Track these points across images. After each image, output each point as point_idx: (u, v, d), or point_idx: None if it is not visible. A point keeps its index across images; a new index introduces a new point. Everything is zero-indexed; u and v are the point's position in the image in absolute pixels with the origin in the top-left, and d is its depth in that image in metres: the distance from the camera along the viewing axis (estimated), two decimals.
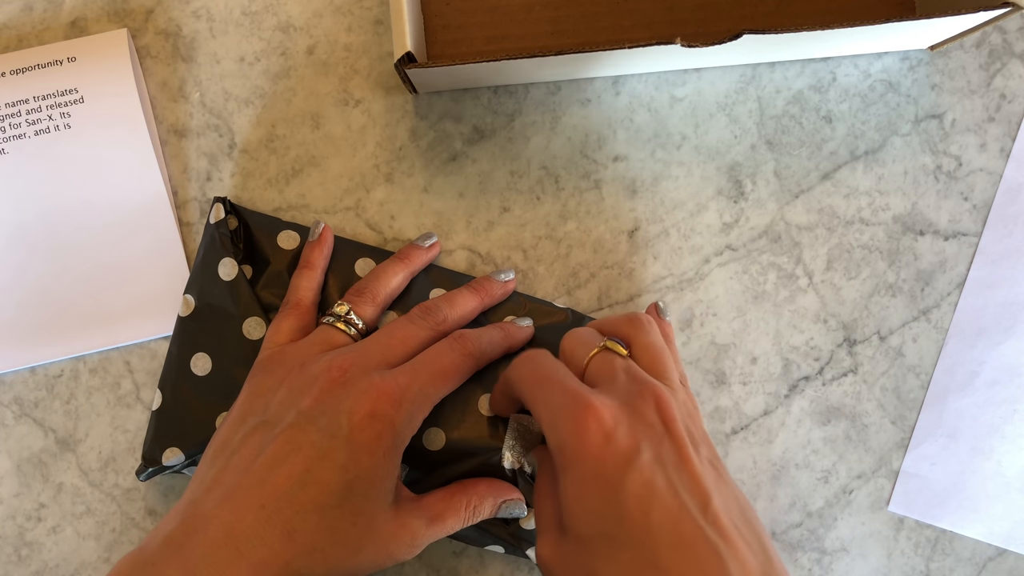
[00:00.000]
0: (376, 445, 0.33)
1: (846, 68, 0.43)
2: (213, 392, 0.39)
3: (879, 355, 0.43)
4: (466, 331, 0.38)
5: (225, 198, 0.41)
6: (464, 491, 0.37)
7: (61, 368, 0.42)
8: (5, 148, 0.41)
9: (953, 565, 0.43)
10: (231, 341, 0.39)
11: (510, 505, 0.37)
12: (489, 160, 0.43)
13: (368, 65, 0.43)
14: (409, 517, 0.34)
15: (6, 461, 0.42)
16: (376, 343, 0.36)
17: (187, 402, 0.39)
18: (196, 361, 0.40)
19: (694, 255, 0.43)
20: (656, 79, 0.43)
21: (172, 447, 0.39)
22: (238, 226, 0.41)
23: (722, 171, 0.43)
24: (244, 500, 0.31)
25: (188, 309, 0.40)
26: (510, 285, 0.41)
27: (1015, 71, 0.43)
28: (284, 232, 0.41)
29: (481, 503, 0.37)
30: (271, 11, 0.43)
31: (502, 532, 0.39)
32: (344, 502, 0.32)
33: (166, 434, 0.39)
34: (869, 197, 0.43)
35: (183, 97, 0.43)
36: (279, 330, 0.38)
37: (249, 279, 0.41)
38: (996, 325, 0.43)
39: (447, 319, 0.38)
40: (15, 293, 0.41)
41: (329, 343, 0.37)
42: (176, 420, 0.39)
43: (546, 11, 0.42)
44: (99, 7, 0.43)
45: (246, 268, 0.41)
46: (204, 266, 0.40)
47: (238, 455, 0.33)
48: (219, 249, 0.40)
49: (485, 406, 0.39)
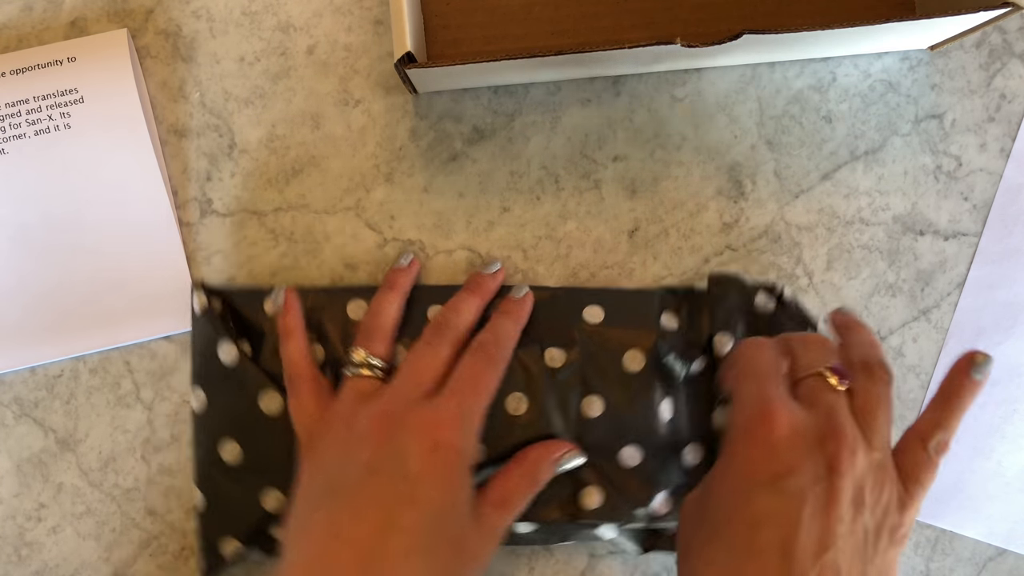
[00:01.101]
0: (447, 473, 0.33)
1: (846, 68, 0.43)
2: (250, 474, 0.39)
3: None
4: (483, 337, 0.38)
5: (202, 281, 0.41)
6: (518, 464, 0.37)
7: (61, 368, 0.42)
8: (5, 148, 0.41)
9: (953, 565, 0.43)
10: (252, 421, 0.39)
11: (566, 458, 0.38)
12: (489, 160, 0.43)
13: (368, 65, 0.43)
14: (485, 517, 0.35)
15: (6, 461, 0.42)
16: (407, 379, 0.36)
17: (228, 493, 0.39)
18: (224, 450, 0.39)
19: (694, 255, 0.43)
20: (656, 79, 0.43)
21: (226, 537, 0.39)
22: (223, 307, 0.41)
23: (722, 171, 0.43)
24: (339, 567, 0.31)
25: (201, 403, 0.40)
26: (500, 275, 0.41)
27: (1015, 71, 0.43)
28: (269, 299, 0.41)
29: (537, 468, 0.37)
30: (271, 11, 0.43)
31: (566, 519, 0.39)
32: (436, 538, 0.32)
33: (218, 529, 0.39)
34: (869, 197, 0.43)
35: (183, 97, 0.43)
36: (302, 406, 0.38)
37: (251, 356, 0.40)
38: (996, 325, 0.43)
39: (459, 328, 0.38)
40: (15, 293, 0.41)
41: (361, 393, 0.37)
42: (222, 513, 0.39)
43: (546, 11, 0.42)
44: (99, 7, 0.43)
45: (244, 345, 0.40)
46: (203, 355, 0.40)
47: (314, 531, 0.33)
48: (213, 335, 0.39)
49: (513, 406, 0.39)
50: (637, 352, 0.40)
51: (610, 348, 0.40)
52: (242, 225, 0.43)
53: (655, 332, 0.40)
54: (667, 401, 0.40)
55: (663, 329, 0.40)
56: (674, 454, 0.40)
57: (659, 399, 0.39)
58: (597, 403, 0.39)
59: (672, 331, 0.40)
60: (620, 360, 0.40)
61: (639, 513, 0.38)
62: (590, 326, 0.40)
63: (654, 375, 0.40)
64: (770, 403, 0.32)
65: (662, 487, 0.39)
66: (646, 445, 0.39)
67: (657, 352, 0.40)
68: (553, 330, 0.40)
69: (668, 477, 0.39)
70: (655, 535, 0.40)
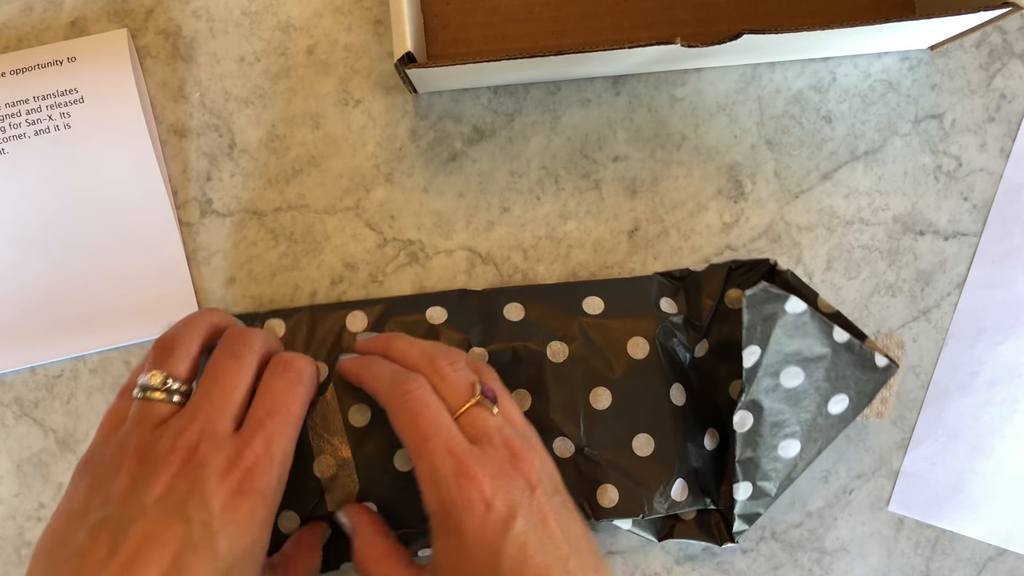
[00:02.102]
0: (251, 522, 0.31)
1: (846, 68, 0.43)
2: None
3: None
4: (286, 356, 0.35)
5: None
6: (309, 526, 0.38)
7: (61, 368, 0.42)
8: (5, 148, 0.41)
9: (953, 565, 0.43)
10: None
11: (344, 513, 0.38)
12: (489, 160, 0.43)
13: (368, 65, 0.43)
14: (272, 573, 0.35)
15: (6, 461, 0.42)
16: (210, 400, 0.33)
17: None
18: None
19: (694, 255, 0.43)
20: (656, 79, 0.43)
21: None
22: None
23: (722, 171, 0.43)
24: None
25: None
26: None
27: (1015, 71, 0.43)
28: (269, 322, 0.40)
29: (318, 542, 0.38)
30: (271, 11, 0.43)
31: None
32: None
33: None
34: (869, 197, 0.43)
35: (183, 97, 0.43)
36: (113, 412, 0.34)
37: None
38: (996, 325, 0.43)
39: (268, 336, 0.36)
40: (15, 293, 0.41)
41: (156, 419, 0.32)
42: None
43: (546, 11, 0.42)
44: (99, 7, 0.43)
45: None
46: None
47: (87, 558, 0.29)
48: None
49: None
50: (640, 339, 0.40)
51: (613, 337, 0.40)
52: (242, 225, 0.43)
53: (656, 318, 0.40)
54: (677, 386, 0.40)
55: (663, 314, 0.40)
56: (690, 439, 0.39)
57: (668, 384, 0.39)
58: (605, 394, 0.39)
59: (673, 315, 0.40)
60: (624, 348, 0.40)
61: (658, 502, 0.38)
62: (591, 317, 0.40)
63: (660, 361, 0.40)
64: (462, 466, 0.32)
65: (680, 474, 0.39)
66: (659, 432, 0.39)
67: (660, 337, 0.40)
68: (554, 324, 0.40)
69: (685, 463, 0.39)
70: (671, 522, 0.41)
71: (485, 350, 0.39)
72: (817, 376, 0.38)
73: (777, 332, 0.37)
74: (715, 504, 0.40)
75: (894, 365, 0.39)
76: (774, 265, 0.40)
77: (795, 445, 0.39)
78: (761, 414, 0.38)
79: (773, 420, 0.38)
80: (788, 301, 0.37)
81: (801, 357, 0.38)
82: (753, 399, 0.38)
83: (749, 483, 0.38)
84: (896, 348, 0.43)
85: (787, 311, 0.37)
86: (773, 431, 0.38)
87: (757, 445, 0.38)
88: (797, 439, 0.39)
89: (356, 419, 0.38)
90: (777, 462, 0.39)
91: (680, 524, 0.40)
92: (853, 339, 0.38)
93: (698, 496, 0.39)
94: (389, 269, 0.43)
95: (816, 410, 0.39)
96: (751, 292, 0.36)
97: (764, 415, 0.38)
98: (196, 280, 0.42)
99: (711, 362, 0.40)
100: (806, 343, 0.38)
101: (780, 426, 0.38)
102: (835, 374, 0.38)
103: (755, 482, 0.38)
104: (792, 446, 0.39)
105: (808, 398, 0.38)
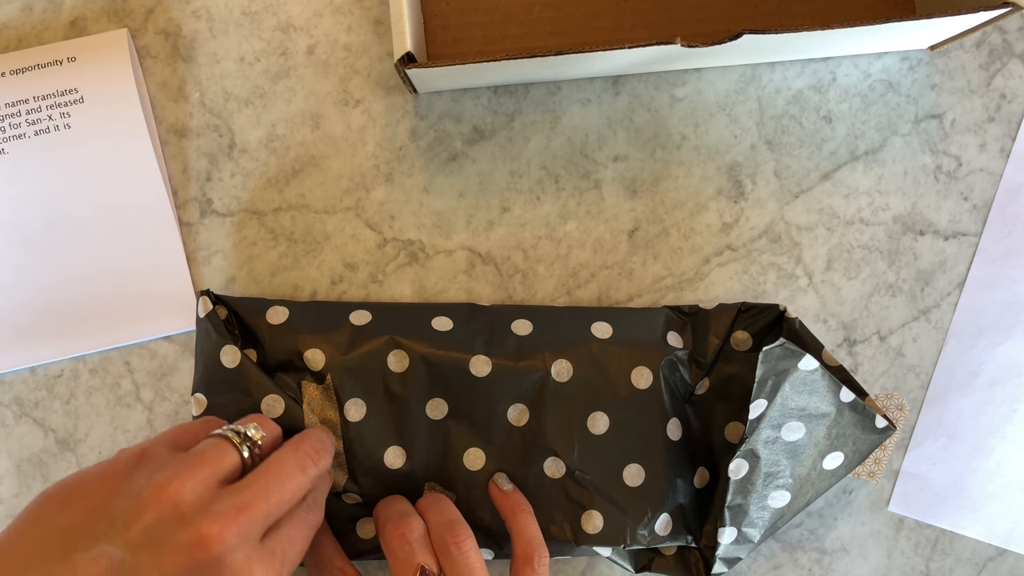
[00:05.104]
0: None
1: (846, 68, 0.43)
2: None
3: (879, 355, 0.43)
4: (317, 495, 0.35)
5: (208, 290, 0.40)
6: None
7: (61, 368, 0.42)
8: (5, 148, 0.41)
9: (953, 565, 0.43)
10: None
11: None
12: (489, 160, 0.43)
13: (368, 65, 0.43)
14: None
15: (6, 461, 0.42)
16: (266, 496, 0.31)
17: None
18: None
19: (694, 255, 0.43)
20: (656, 79, 0.43)
21: None
22: (228, 315, 0.40)
23: (722, 171, 0.43)
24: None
25: (201, 407, 0.39)
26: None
27: (1015, 71, 0.43)
28: (272, 308, 0.40)
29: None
30: (271, 11, 0.43)
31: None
32: None
33: None
34: (869, 197, 0.43)
35: (183, 97, 0.43)
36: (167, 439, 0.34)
37: (256, 362, 0.39)
38: (996, 325, 0.43)
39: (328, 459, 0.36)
40: (15, 293, 0.42)
41: (218, 467, 0.32)
42: None
43: (546, 11, 0.42)
44: (99, 7, 0.43)
45: (250, 352, 0.40)
46: (206, 360, 0.39)
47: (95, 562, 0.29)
48: (216, 339, 0.39)
49: (514, 416, 0.39)
50: (645, 369, 0.39)
51: (618, 364, 0.39)
52: (242, 225, 0.43)
53: (662, 350, 0.40)
54: (675, 421, 0.40)
55: (669, 347, 0.40)
56: (680, 475, 0.39)
57: (666, 418, 0.39)
58: (603, 419, 0.39)
59: (679, 350, 0.40)
60: (628, 376, 0.39)
61: (641, 534, 0.39)
62: (598, 341, 0.40)
63: (662, 393, 0.39)
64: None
65: (666, 508, 0.39)
66: (651, 464, 0.39)
67: (664, 370, 0.40)
68: (560, 344, 0.40)
69: (673, 498, 0.39)
70: (651, 555, 0.41)
71: (489, 359, 0.39)
72: (818, 433, 0.38)
73: (786, 387, 0.37)
74: (696, 542, 0.40)
75: (892, 427, 0.39)
76: (783, 311, 0.40)
77: (785, 496, 0.39)
78: (757, 463, 0.38)
79: (768, 471, 0.38)
80: (803, 359, 0.37)
81: (805, 413, 0.38)
82: (752, 448, 0.38)
83: (735, 528, 0.39)
84: (896, 410, 0.43)
85: (800, 368, 0.37)
86: (766, 481, 0.38)
87: (748, 493, 0.38)
88: (788, 491, 0.39)
89: (351, 413, 0.39)
90: (765, 511, 0.39)
91: (659, 559, 0.40)
92: (858, 399, 0.38)
93: (681, 532, 0.39)
94: (389, 269, 0.43)
95: (811, 465, 0.39)
96: (769, 348, 0.36)
97: (760, 465, 0.38)
98: (196, 280, 0.42)
99: (710, 401, 0.41)
100: (812, 400, 0.38)
101: (774, 477, 0.38)
102: (836, 432, 0.39)
103: (740, 528, 0.39)
104: (783, 497, 0.39)
105: (806, 453, 0.38)
